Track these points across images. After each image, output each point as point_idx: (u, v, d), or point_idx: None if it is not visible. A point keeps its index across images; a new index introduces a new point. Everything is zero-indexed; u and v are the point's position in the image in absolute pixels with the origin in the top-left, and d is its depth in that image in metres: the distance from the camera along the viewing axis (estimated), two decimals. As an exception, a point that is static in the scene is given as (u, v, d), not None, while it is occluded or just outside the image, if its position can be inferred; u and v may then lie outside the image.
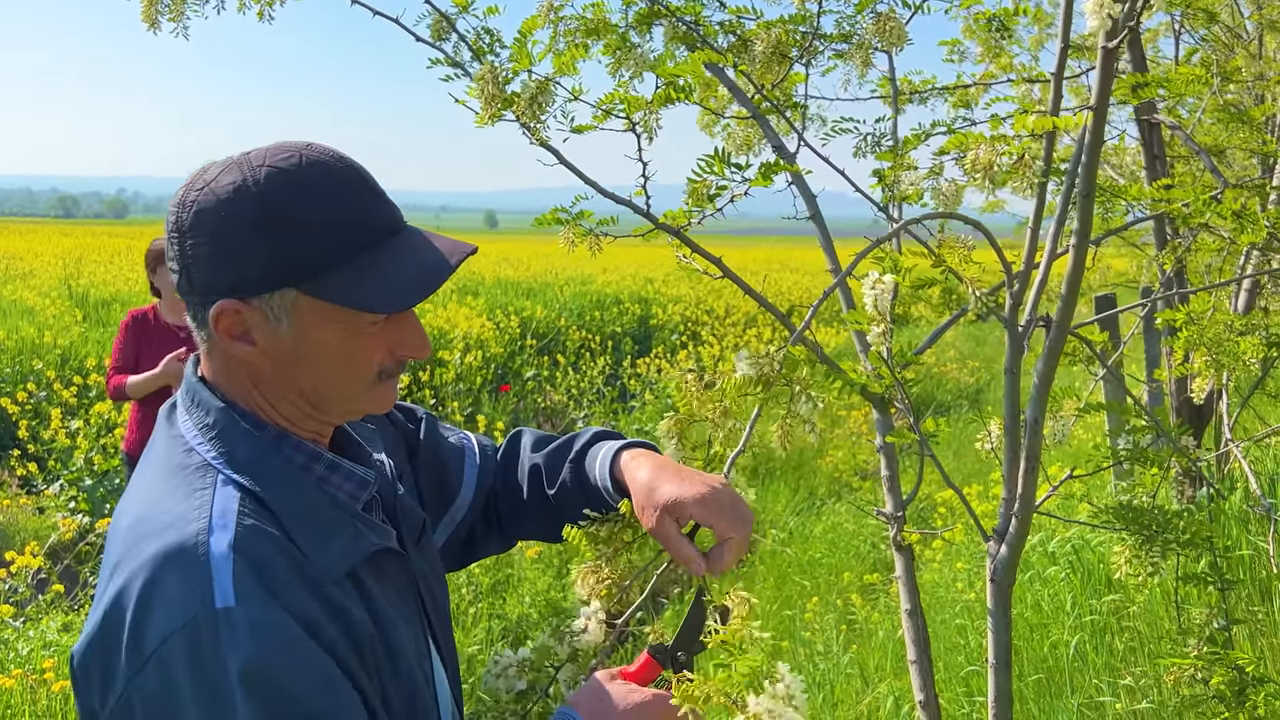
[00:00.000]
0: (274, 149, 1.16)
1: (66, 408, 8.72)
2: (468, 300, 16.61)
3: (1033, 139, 1.76)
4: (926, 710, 2.34)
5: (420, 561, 1.36)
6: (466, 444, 1.57)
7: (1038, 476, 2.02)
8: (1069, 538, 4.45)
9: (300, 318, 1.14)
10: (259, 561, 1.05)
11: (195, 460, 1.15)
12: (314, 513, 1.16)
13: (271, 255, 1.11)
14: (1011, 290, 2.05)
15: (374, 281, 1.13)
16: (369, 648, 1.13)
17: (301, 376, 1.19)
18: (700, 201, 1.85)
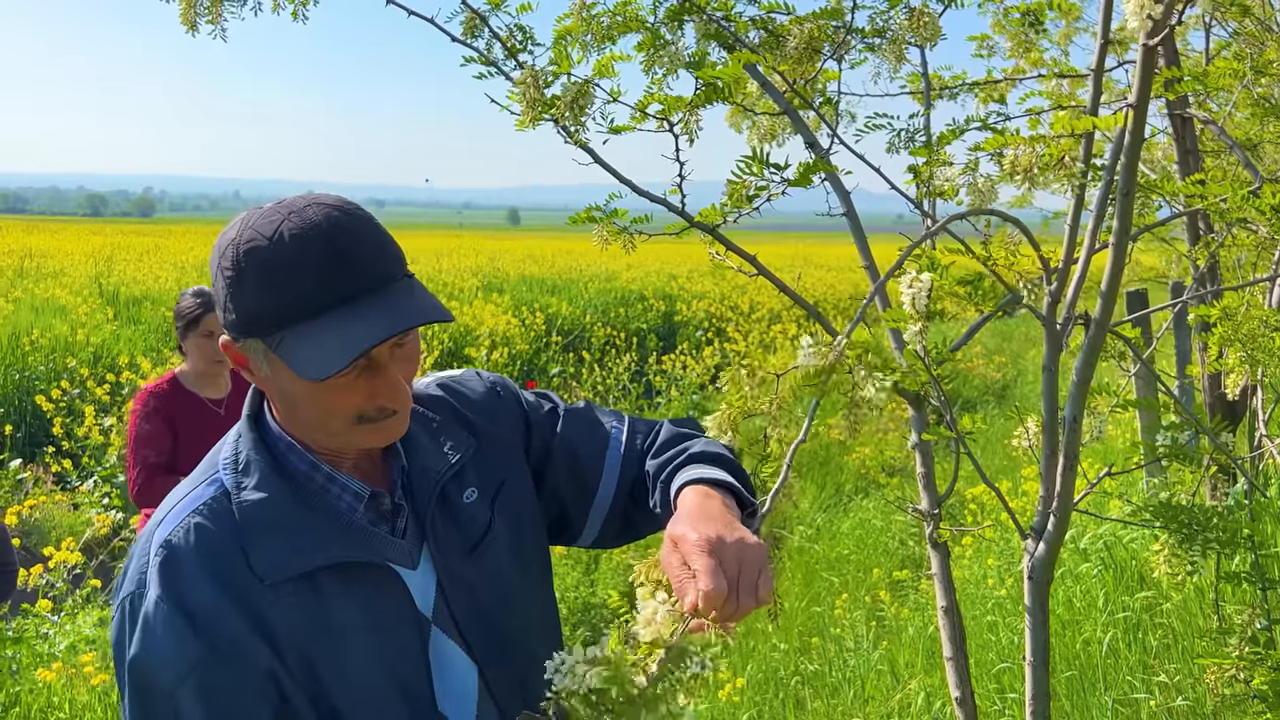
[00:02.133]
0: (273, 207, 1.26)
1: (100, 405, 8.81)
2: (493, 297, 16.66)
3: (1072, 139, 1.75)
4: (963, 707, 2.34)
5: (467, 570, 1.39)
6: (614, 434, 1.58)
7: (1076, 474, 2.01)
8: (1101, 534, 4.43)
9: (272, 363, 1.26)
10: (178, 559, 1.23)
11: (214, 460, 1.35)
12: (279, 516, 1.27)
13: (241, 308, 1.23)
14: (1050, 287, 2.04)
15: (309, 349, 1.20)
16: (301, 653, 1.24)
17: (289, 414, 1.32)
18: (739, 202, 1.86)
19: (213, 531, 1.25)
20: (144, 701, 1.20)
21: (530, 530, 1.52)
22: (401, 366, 1.29)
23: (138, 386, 9.03)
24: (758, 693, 4.49)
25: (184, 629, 1.19)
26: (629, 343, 15.61)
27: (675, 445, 1.52)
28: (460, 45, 2.18)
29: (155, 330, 12.50)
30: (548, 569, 1.56)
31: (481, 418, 1.51)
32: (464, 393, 1.54)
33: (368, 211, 1.29)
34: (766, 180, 1.82)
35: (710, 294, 19.82)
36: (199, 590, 1.21)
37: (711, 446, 1.50)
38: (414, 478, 1.40)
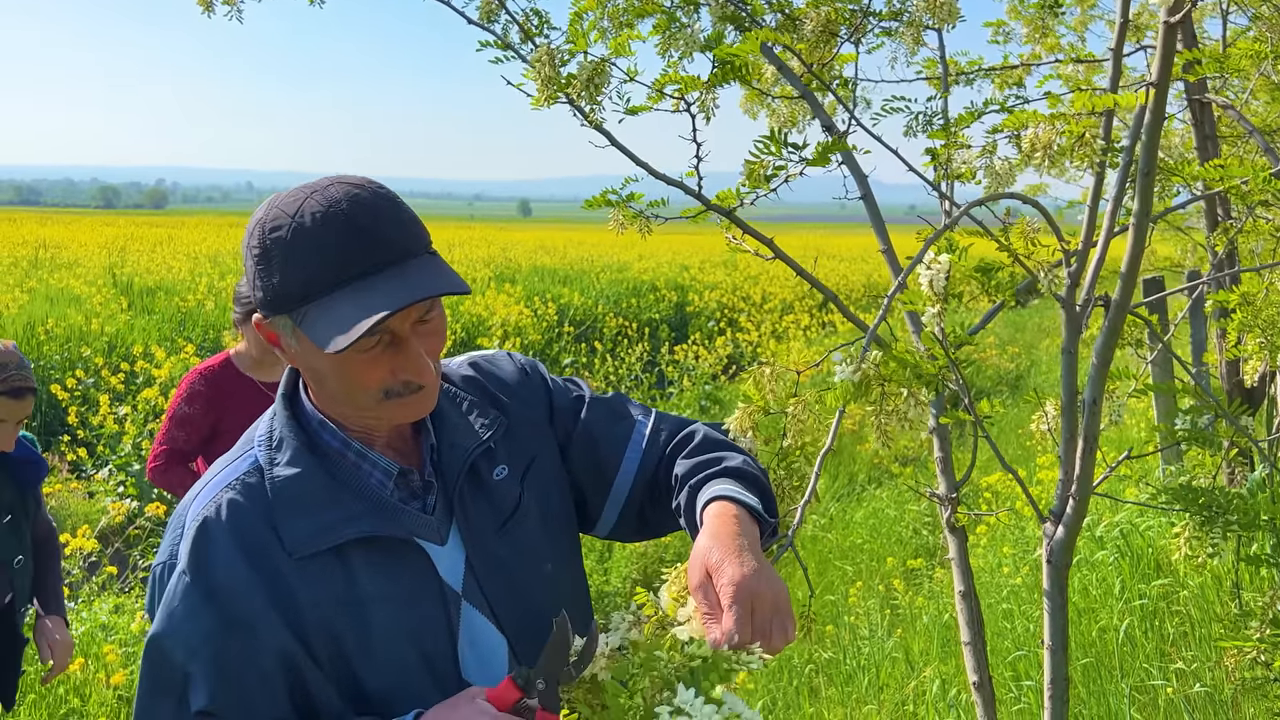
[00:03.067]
0: (299, 188, 1.29)
1: (114, 394, 8.85)
2: (505, 287, 16.67)
3: (1092, 116, 1.74)
4: (980, 692, 2.33)
5: (497, 546, 1.41)
6: (639, 426, 1.58)
7: (1096, 457, 2.00)
8: (1117, 522, 4.41)
9: (299, 339, 1.28)
10: (210, 533, 1.27)
11: (251, 436, 1.39)
12: (310, 492, 1.31)
13: (268, 285, 1.26)
14: (1069, 270, 2.03)
15: (328, 322, 1.22)
16: (327, 627, 1.27)
17: (320, 389, 1.35)
18: (757, 182, 1.85)
19: (245, 506, 1.29)
20: (155, 673, 1.24)
21: (560, 507, 1.53)
22: (426, 342, 1.30)
23: (152, 376, 9.06)
24: (771, 680, 4.49)
25: (200, 603, 1.23)
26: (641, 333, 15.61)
27: (711, 451, 1.51)
28: (477, 29, 2.17)
29: (169, 320, 12.53)
30: (577, 545, 1.58)
31: (512, 397, 1.53)
32: (495, 372, 1.56)
33: (393, 191, 1.31)
34: (785, 160, 1.81)
35: (723, 284, 19.81)
36: (226, 565, 1.25)
37: (748, 466, 1.49)
38: (443, 455, 1.42)
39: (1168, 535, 4.12)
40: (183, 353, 9.98)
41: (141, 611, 5.08)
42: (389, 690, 1.31)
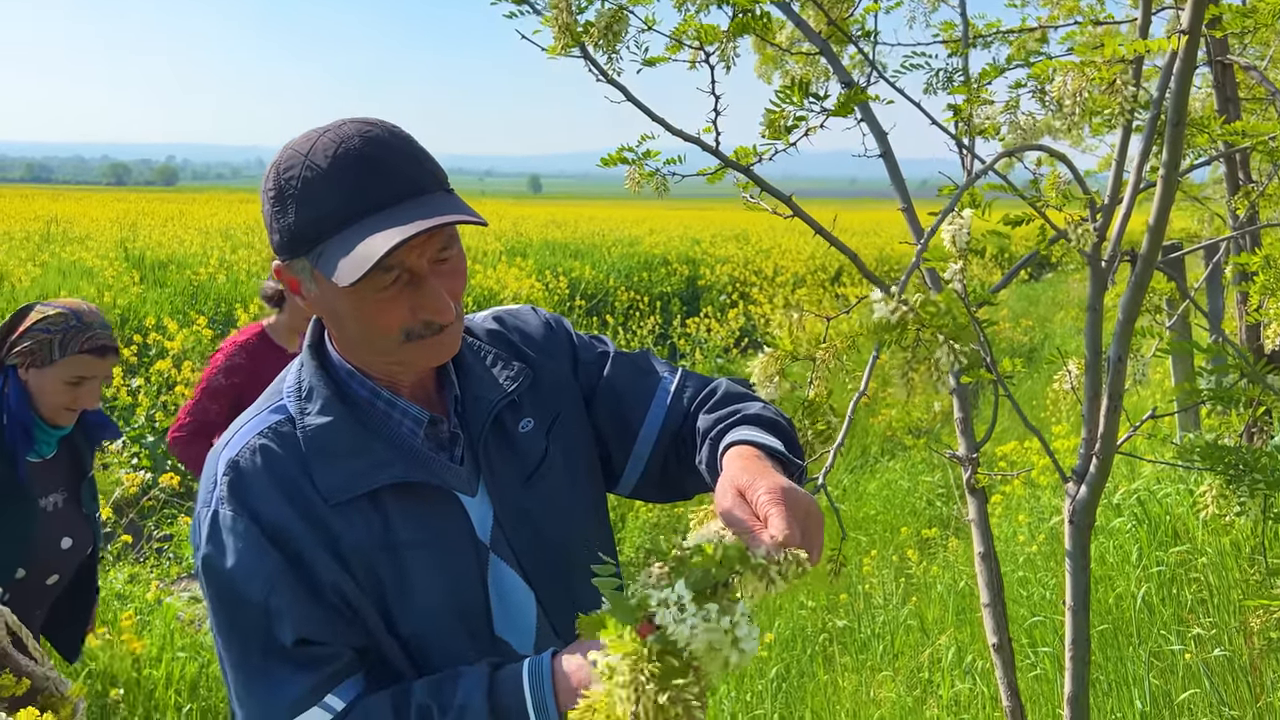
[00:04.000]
0: (312, 129, 1.28)
1: (127, 366, 8.86)
2: (517, 261, 16.64)
3: (1122, 64, 1.70)
4: (1000, 654, 2.31)
5: (523, 499, 1.40)
6: (664, 382, 1.55)
7: (1120, 416, 1.97)
8: (1134, 489, 4.38)
9: (318, 281, 1.27)
10: (245, 477, 1.26)
11: (279, 387, 1.38)
12: (342, 440, 1.30)
13: (284, 227, 1.25)
14: (1095, 225, 1.99)
15: (342, 256, 1.20)
16: (368, 568, 1.27)
17: (342, 333, 1.33)
18: (777, 133, 1.82)
19: (278, 453, 1.28)
20: (234, 612, 1.24)
21: (585, 461, 1.52)
22: (446, 281, 1.28)
23: (165, 348, 9.07)
24: (785, 650, 4.48)
25: (262, 541, 1.23)
26: (653, 306, 15.57)
27: (731, 404, 1.48)
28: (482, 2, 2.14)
29: (181, 293, 12.54)
30: (604, 500, 1.56)
31: (537, 350, 1.51)
32: (520, 325, 1.55)
33: (405, 130, 1.29)
34: (806, 110, 1.78)
35: (734, 258, 19.74)
36: (270, 506, 1.25)
37: (768, 411, 1.46)
38: (468, 407, 1.40)
39: (1186, 502, 4.10)
40: (195, 325, 9.99)
41: (156, 581, 5.10)
42: (421, 637, 1.30)
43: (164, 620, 4.48)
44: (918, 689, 3.86)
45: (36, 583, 2.53)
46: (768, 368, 1.41)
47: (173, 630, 4.44)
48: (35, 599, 2.56)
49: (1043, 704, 3.30)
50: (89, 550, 2.66)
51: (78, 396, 2.52)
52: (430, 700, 1.22)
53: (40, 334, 2.49)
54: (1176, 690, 3.13)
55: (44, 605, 2.62)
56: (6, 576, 2.44)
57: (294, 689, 1.21)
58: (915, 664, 4.07)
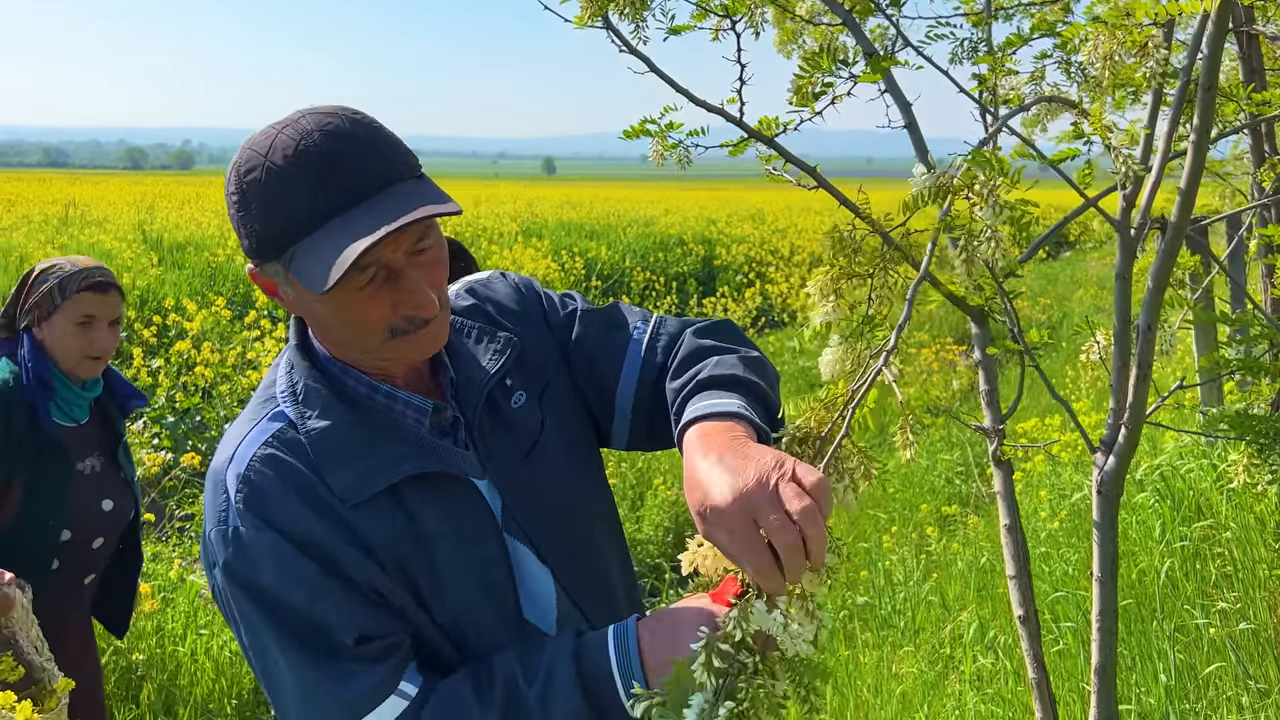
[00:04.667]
0: (271, 125, 1.21)
1: (147, 347, 8.90)
2: (533, 242, 16.63)
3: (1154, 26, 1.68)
4: (1026, 626, 2.30)
5: (526, 475, 1.37)
6: (635, 334, 1.48)
7: (1149, 385, 1.95)
8: (1157, 465, 4.36)
9: (293, 285, 1.21)
10: (261, 491, 1.21)
11: (269, 393, 1.32)
12: (349, 440, 1.25)
13: (252, 232, 1.20)
14: (1124, 192, 1.98)
15: (313, 263, 1.15)
16: (398, 562, 1.24)
17: (324, 333, 1.29)
18: (805, 100, 1.80)
19: (288, 461, 1.23)
20: (282, 622, 1.20)
21: (579, 427, 1.48)
22: (426, 273, 1.23)
23: (184, 329, 9.10)
24: (806, 625, 4.48)
25: (293, 552, 1.19)
26: (668, 287, 15.56)
27: (691, 367, 1.39)
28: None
29: (199, 275, 12.59)
30: (601, 463, 1.53)
31: (514, 320, 1.46)
32: (492, 296, 1.49)
33: (369, 116, 1.23)
34: (834, 76, 1.77)
35: (750, 238, 19.70)
36: (292, 515, 1.21)
37: (722, 367, 1.35)
38: (460, 388, 1.37)
39: (1210, 477, 4.07)
40: (213, 306, 10.03)
41: (179, 559, 5.13)
42: (454, 625, 1.28)
43: (187, 597, 4.52)
44: (939, 664, 3.86)
45: (83, 546, 2.57)
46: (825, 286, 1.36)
47: (195, 607, 4.47)
48: (85, 563, 2.60)
49: (1066, 678, 3.30)
50: (131, 514, 2.69)
51: (91, 340, 2.55)
52: (515, 667, 1.20)
53: (40, 285, 2.55)
54: (1201, 665, 3.12)
55: (95, 571, 2.65)
56: (51, 537, 2.48)
57: (366, 684, 1.18)
58: (937, 639, 4.07)
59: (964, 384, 9.07)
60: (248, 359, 8.65)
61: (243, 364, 8.62)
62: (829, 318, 1.35)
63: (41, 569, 2.47)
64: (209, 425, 7.82)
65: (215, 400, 8.09)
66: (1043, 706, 2.24)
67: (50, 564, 2.50)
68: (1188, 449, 4.42)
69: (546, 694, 1.17)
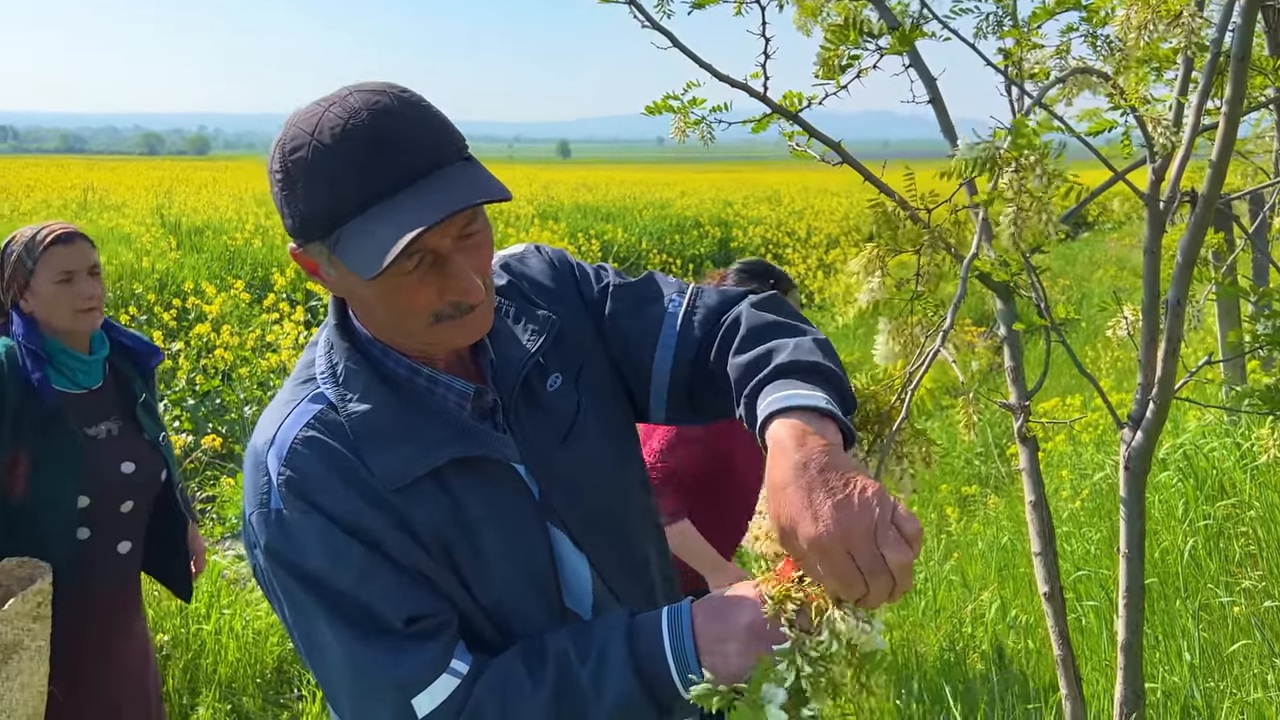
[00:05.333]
0: (316, 101, 1.19)
1: (167, 330, 8.94)
2: (549, 224, 16.62)
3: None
4: (1052, 602, 2.30)
5: (565, 459, 1.35)
6: (671, 307, 1.44)
7: (1178, 360, 1.94)
8: (1179, 444, 4.34)
9: (337, 266, 1.19)
10: (304, 474, 1.20)
11: (309, 373, 1.30)
12: (391, 423, 1.24)
13: (296, 211, 1.17)
14: (1153, 165, 1.96)
15: (362, 245, 1.13)
16: (442, 546, 1.23)
17: (368, 317, 1.27)
18: (830, 73, 1.79)
19: (329, 443, 1.22)
20: (331, 604, 1.19)
21: (616, 408, 1.45)
22: (471, 258, 1.21)
23: (203, 312, 9.14)
24: (826, 605, 4.48)
25: (340, 534, 1.18)
26: (685, 269, 15.54)
27: (759, 343, 1.32)
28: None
29: (218, 258, 12.64)
30: (636, 440, 1.50)
31: (549, 299, 1.44)
32: (527, 273, 1.46)
33: (417, 94, 1.20)
34: (861, 49, 1.75)
35: (767, 220, 19.65)
36: (335, 498, 1.19)
37: (801, 352, 1.27)
38: (499, 370, 1.34)
39: (1233, 456, 4.05)
40: (232, 289, 10.06)
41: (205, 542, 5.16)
42: (498, 609, 1.27)
43: (209, 578, 4.55)
44: (960, 643, 3.86)
45: (109, 511, 2.55)
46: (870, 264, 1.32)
47: (219, 587, 4.50)
48: (116, 530, 2.59)
49: (1089, 656, 3.29)
50: (161, 475, 2.67)
51: (77, 293, 2.53)
52: (567, 644, 1.19)
53: (9, 256, 2.54)
54: (1226, 643, 3.10)
55: (132, 536, 2.63)
56: (68, 505, 2.47)
57: (417, 662, 1.17)
58: (958, 619, 4.06)
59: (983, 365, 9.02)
60: (267, 342, 8.68)
61: (262, 347, 8.65)
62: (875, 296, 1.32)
63: (68, 539, 2.47)
64: (229, 408, 7.85)
65: (235, 383, 8.12)
66: (1068, 683, 2.23)
67: (76, 533, 2.49)
68: (1210, 428, 4.40)
69: (599, 673, 1.16)
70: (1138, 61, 1.89)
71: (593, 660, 1.17)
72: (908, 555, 1.04)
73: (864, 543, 1.03)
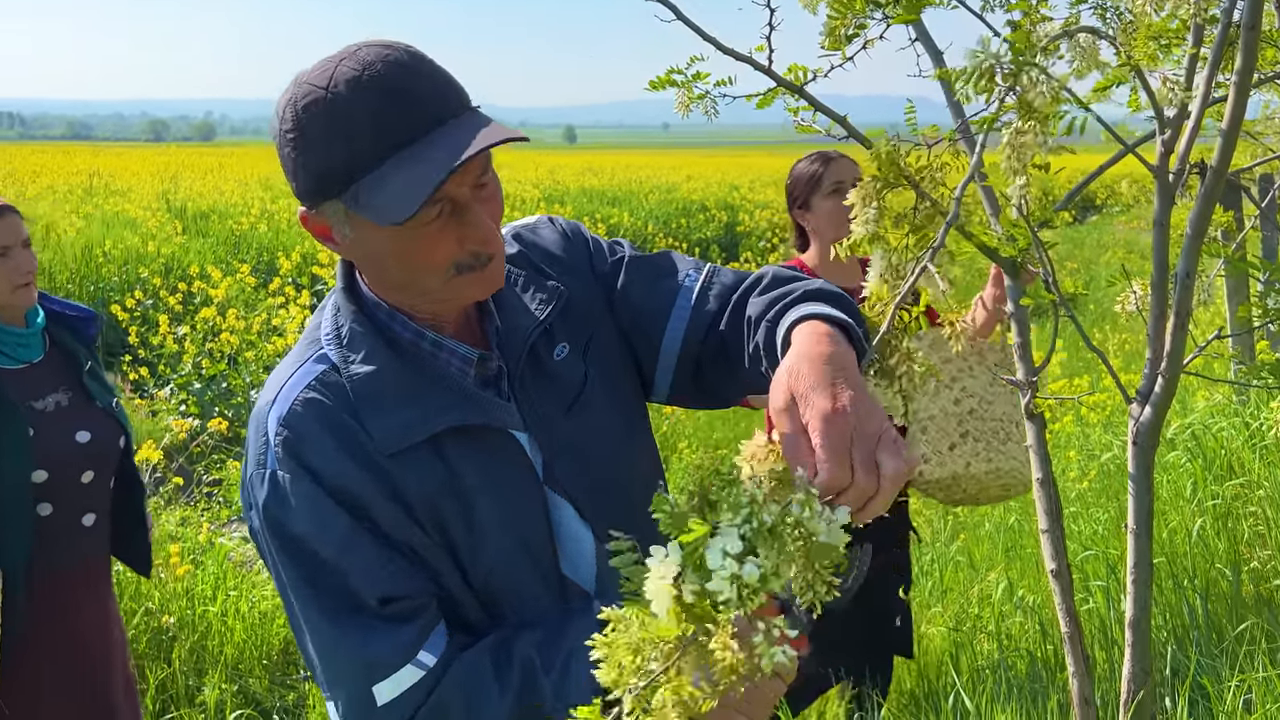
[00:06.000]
0: (324, 59, 1.19)
1: (173, 314, 8.95)
2: (555, 208, 16.60)
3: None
4: (1059, 579, 2.28)
5: (569, 428, 1.34)
6: (687, 282, 1.42)
7: (1187, 334, 1.92)
8: (1188, 424, 4.32)
9: (355, 224, 1.19)
10: (300, 435, 1.20)
11: (314, 335, 1.31)
12: (392, 386, 1.24)
13: (310, 168, 1.17)
14: (1162, 136, 1.94)
15: (383, 195, 1.14)
16: (435, 515, 1.23)
17: (383, 276, 1.27)
18: (837, 42, 1.77)
19: (329, 405, 1.22)
20: (312, 573, 1.20)
21: (624, 379, 1.44)
22: (487, 207, 1.22)
23: (209, 296, 9.15)
24: (833, 586, 4.48)
25: (328, 501, 1.19)
26: (691, 253, 15.51)
27: (784, 285, 1.34)
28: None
29: (224, 242, 12.65)
30: (646, 415, 1.49)
31: (561, 269, 1.43)
32: (538, 243, 1.46)
33: (422, 51, 1.22)
34: (868, 17, 1.73)
35: (774, 203, 19.59)
36: (329, 463, 1.20)
37: (828, 285, 1.31)
38: (504, 338, 1.34)
39: (1242, 436, 4.03)
40: (238, 274, 10.07)
41: (207, 523, 5.17)
42: (492, 582, 1.27)
43: (216, 560, 4.56)
44: (967, 623, 3.85)
45: (69, 484, 2.52)
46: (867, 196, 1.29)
47: (225, 570, 4.51)
48: (78, 502, 2.56)
49: (1096, 636, 3.28)
50: (120, 441, 2.64)
51: (14, 267, 2.50)
52: (533, 654, 1.19)
53: None
54: (1233, 623, 3.09)
55: (96, 508, 2.61)
56: (21, 481, 2.43)
57: (386, 645, 1.18)
58: (965, 600, 4.06)
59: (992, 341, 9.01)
60: (273, 325, 8.69)
61: (268, 330, 8.66)
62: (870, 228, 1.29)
63: (28, 516, 2.43)
64: (234, 392, 7.86)
65: (241, 367, 8.13)
66: (1075, 660, 2.22)
67: (37, 510, 2.46)
68: (1219, 407, 4.38)
69: (561, 688, 1.17)
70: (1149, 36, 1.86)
71: (556, 672, 1.18)
72: (902, 467, 0.98)
73: (867, 440, 0.99)
